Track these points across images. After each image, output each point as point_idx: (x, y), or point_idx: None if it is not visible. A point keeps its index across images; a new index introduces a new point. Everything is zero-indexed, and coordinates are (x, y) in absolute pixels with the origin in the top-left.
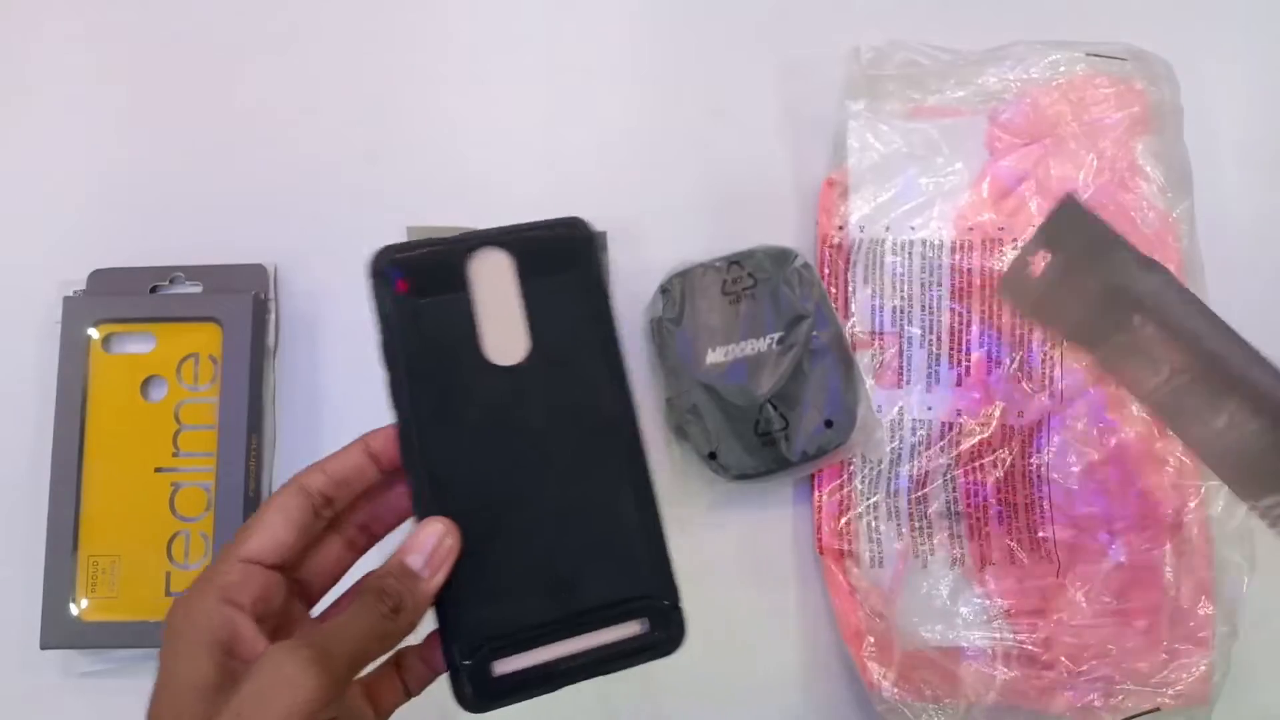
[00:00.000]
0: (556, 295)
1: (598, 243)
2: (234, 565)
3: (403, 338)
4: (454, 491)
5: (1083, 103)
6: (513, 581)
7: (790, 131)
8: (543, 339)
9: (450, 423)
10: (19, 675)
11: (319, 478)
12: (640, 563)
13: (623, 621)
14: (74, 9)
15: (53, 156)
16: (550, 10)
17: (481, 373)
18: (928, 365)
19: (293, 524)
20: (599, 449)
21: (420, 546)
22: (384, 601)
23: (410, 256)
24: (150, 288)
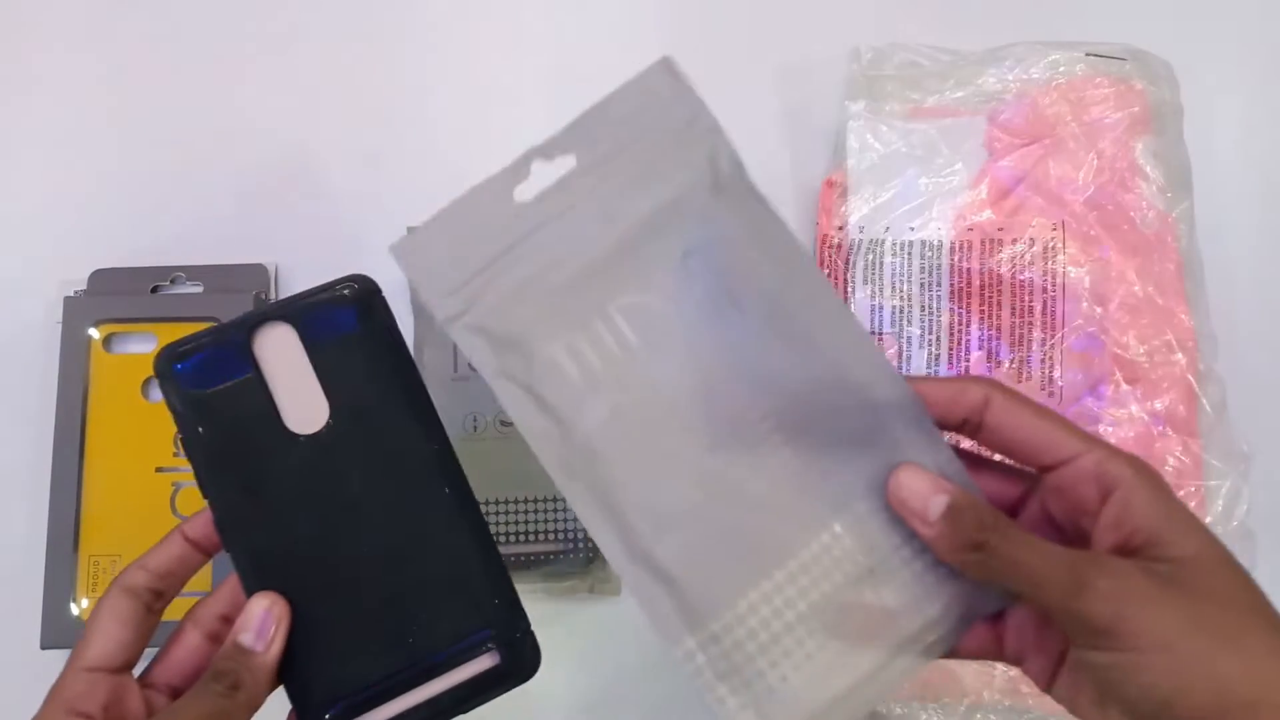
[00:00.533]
0: (347, 355)
1: (380, 296)
2: (77, 676)
3: (199, 429)
4: (278, 566)
5: (1082, 103)
6: (353, 641)
7: (790, 132)
8: (340, 401)
9: (262, 501)
10: (19, 675)
11: (141, 575)
12: (478, 597)
13: (473, 658)
14: (75, 9)
15: (53, 156)
16: (550, 12)
17: (285, 446)
18: (927, 366)
19: (125, 624)
20: (416, 495)
21: (249, 623)
22: (220, 681)
23: (191, 350)
24: (151, 288)
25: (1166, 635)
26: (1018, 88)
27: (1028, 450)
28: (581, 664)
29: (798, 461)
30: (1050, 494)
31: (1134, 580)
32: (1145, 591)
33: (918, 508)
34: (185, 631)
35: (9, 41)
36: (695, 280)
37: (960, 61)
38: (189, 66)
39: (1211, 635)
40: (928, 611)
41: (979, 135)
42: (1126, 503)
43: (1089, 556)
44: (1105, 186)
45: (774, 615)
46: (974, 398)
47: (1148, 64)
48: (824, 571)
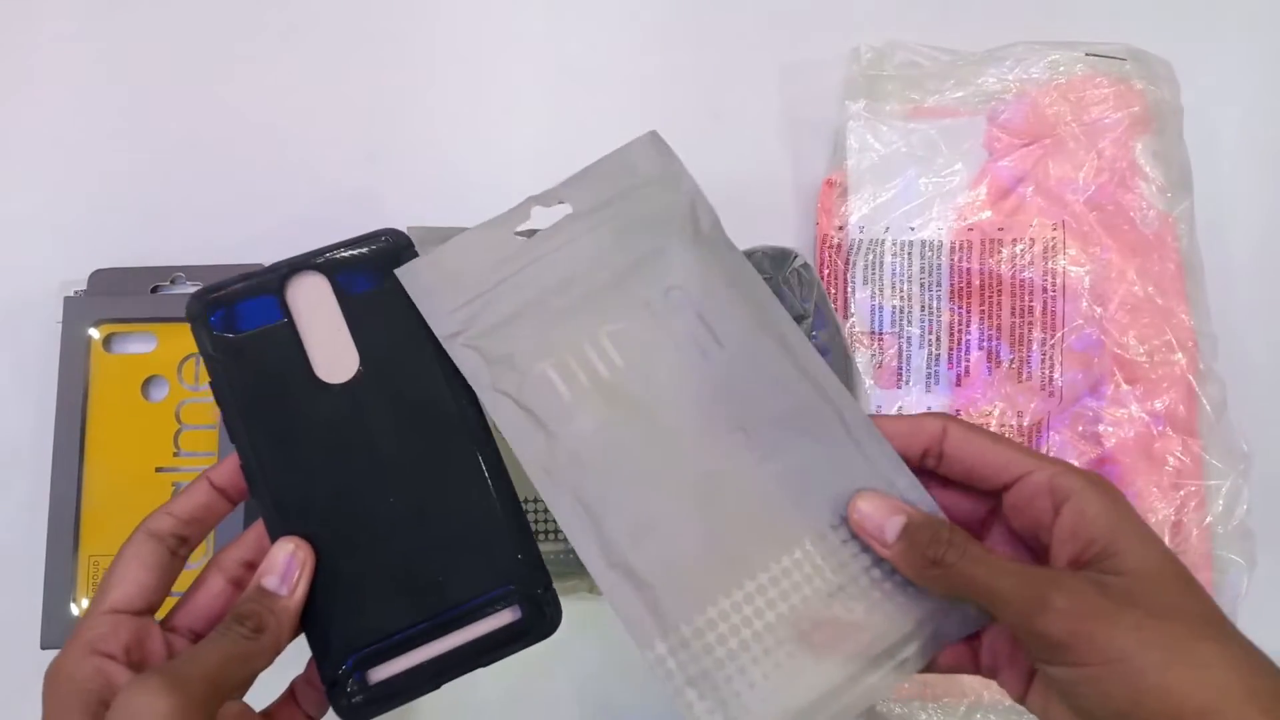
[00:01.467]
0: (378, 307)
1: (413, 250)
2: (99, 618)
3: (230, 375)
4: (304, 513)
5: (1082, 103)
6: (376, 591)
7: (790, 132)
8: (371, 352)
9: (290, 448)
10: (19, 675)
11: (166, 520)
12: (501, 553)
13: (493, 613)
14: (75, 9)
15: (54, 157)
16: (550, 12)
17: (315, 395)
18: (927, 365)
19: (149, 568)
20: (443, 449)
21: (274, 567)
22: (243, 623)
23: (225, 295)
24: (151, 288)
25: (1122, 649)
26: (1017, 88)
27: (987, 473)
28: (582, 662)
29: (771, 482)
30: (1010, 512)
31: (1089, 597)
32: (1100, 607)
33: (875, 530)
34: (209, 577)
35: (10, 41)
36: (676, 313)
37: (960, 61)
38: (189, 66)
39: (1165, 648)
40: (900, 629)
41: (979, 135)
42: (1079, 513)
43: (1046, 574)
44: (1105, 186)
45: (743, 623)
46: (931, 430)
47: (1148, 64)
48: (794, 585)
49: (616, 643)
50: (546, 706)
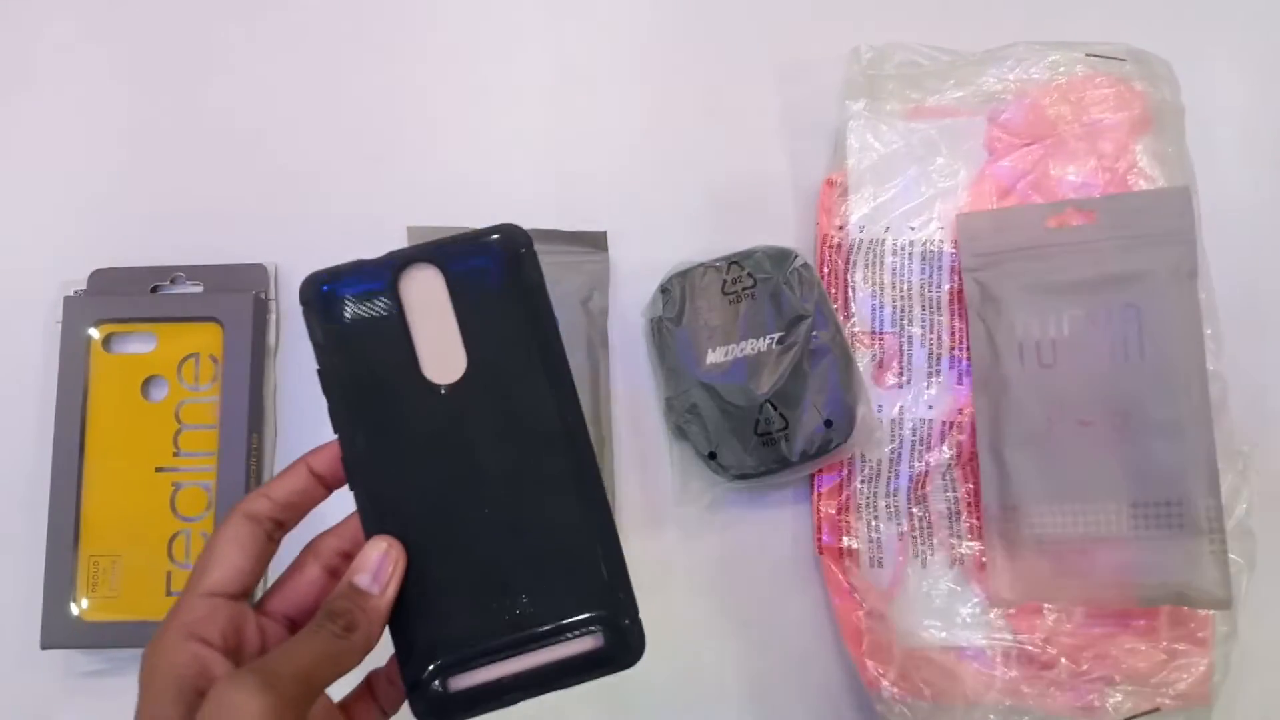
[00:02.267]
0: (491, 307)
1: (532, 248)
2: (196, 600)
3: (338, 363)
4: (399, 512)
5: (1082, 103)
6: (464, 599)
7: (790, 132)
8: (479, 354)
9: (391, 445)
10: (19, 675)
11: (264, 503)
12: (592, 578)
13: (577, 637)
14: (76, 10)
15: (54, 157)
16: (551, 12)
17: (420, 393)
18: (928, 365)
19: (247, 551)
20: (544, 463)
21: (366, 565)
22: (335, 621)
23: (339, 282)
24: (151, 287)
25: None
26: (1018, 88)
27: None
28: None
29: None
30: None
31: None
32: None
33: None
34: (305, 563)
35: (11, 42)
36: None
37: (960, 61)
38: (189, 67)
39: None
40: None
41: (979, 135)
42: None
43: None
44: (1105, 186)
45: None
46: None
47: (1148, 64)
48: None
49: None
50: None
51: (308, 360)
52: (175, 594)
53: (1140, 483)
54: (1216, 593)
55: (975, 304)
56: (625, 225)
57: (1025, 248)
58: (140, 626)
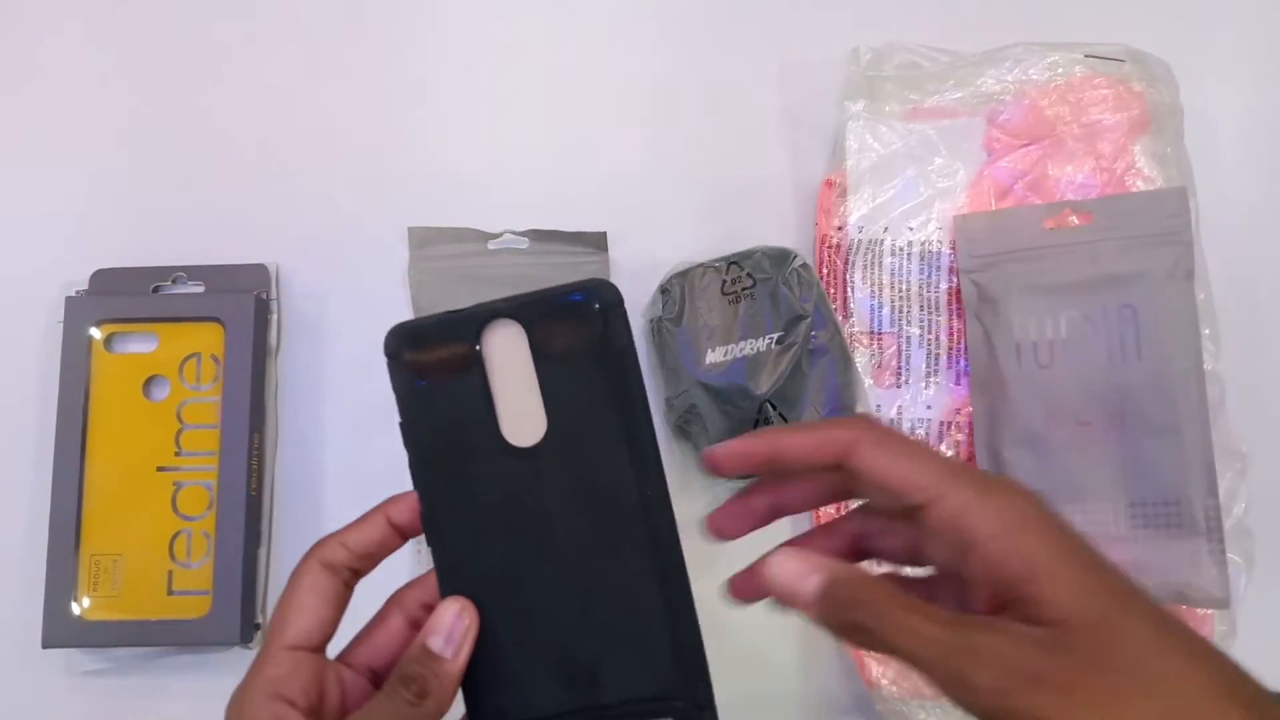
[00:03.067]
0: (575, 369)
1: (621, 306)
2: (280, 655)
3: (418, 418)
4: (474, 573)
5: (1081, 104)
6: (535, 668)
7: (789, 132)
8: (560, 417)
9: (468, 504)
10: (21, 674)
11: (341, 552)
12: (666, 659)
13: (648, 718)
14: (77, 10)
15: (56, 157)
16: (551, 12)
17: (498, 454)
18: (926, 365)
19: (327, 601)
20: (622, 535)
21: (440, 627)
22: (408, 688)
23: (422, 336)
24: (152, 287)
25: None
26: (1017, 88)
27: (896, 492)
28: None
29: None
30: (928, 539)
31: (1008, 665)
32: (1020, 675)
33: (790, 593)
34: (389, 614)
35: (10, 41)
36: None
37: (959, 62)
38: (190, 67)
39: (1090, 706)
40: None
41: (978, 136)
42: (986, 560)
43: (965, 642)
44: (1104, 187)
45: None
46: (839, 442)
47: (1147, 65)
48: None
49: None
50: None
51: (308, 360)
52: (177, 593)
53: (1138, 483)
54: (1215, 592)
55: (973, 305)
56: (625, 225)
57: (1022, 249)
58: (142, 626)
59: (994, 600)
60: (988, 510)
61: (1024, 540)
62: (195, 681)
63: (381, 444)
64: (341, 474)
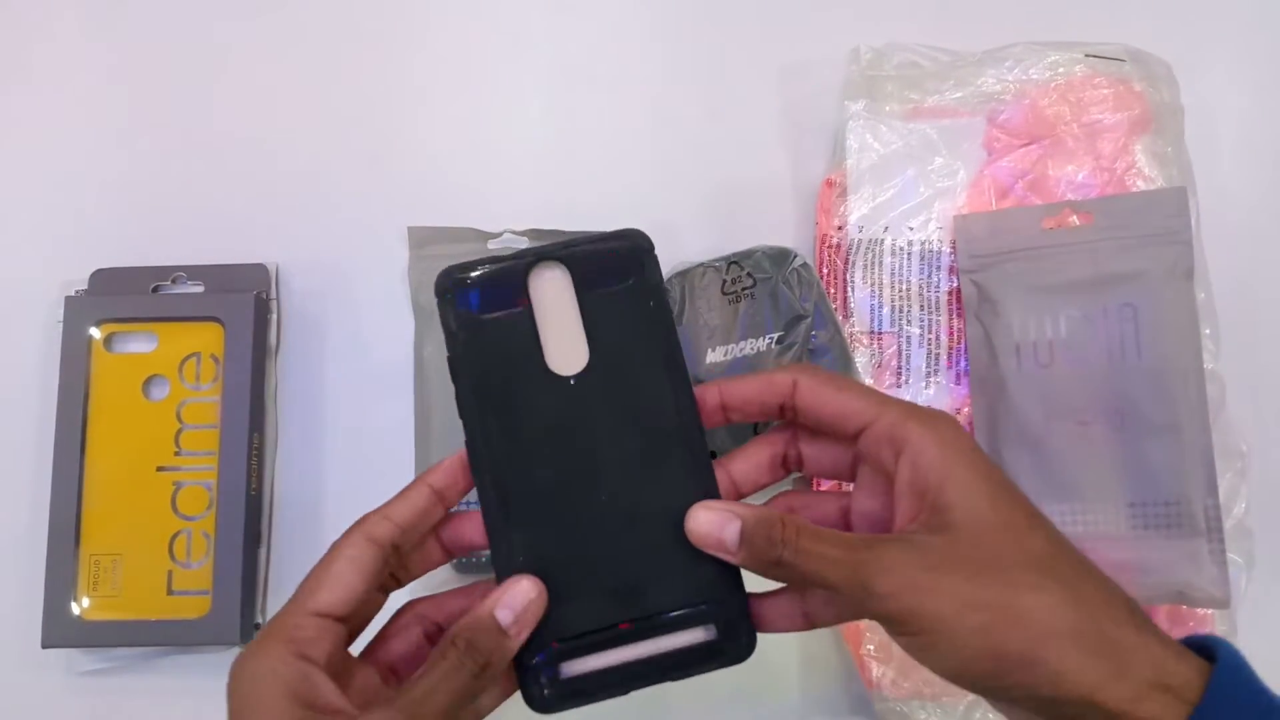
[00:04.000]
0: (614, 306)
1: (653, 252)
2: (307, 619)
3: (468, 353)
4: (522, 500)
5: (1081, 104)
6: (581, 586)
7: (789, 132)
8: (602, 348)
9: (515, 432)
10: (20, 674)
11: (386, 526)
12: (704, 570)
13: (691, 628)
14: (75, 9)
15: (55, 156)
16: (551, 13)
17: (544, 384)
18: (926, 365)
19: (365, 574)
20: (662, 455)
21: (511, 602)
22: (474, 658)
23: (473, 275)
24: (152, 287)
25: (944, 618)
26: (1017, 88)
27: (836, 423)
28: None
29: None
30: (864, 461)
31: (907, 571)
32: (918, 581)
33: (717, 542)
34: (407, 622)
35: (10, 41)
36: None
37: (959, 62)
38: (190, 66)
39: (984, 608)
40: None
41: (978, 135)
42: (914, 465)
43: (867, 557)
44: (1105, 187)
45: None
46: (782, 385)
47: (1147, 64)
48: None
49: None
50: None
51: (308, 360)
52: (177, 593)
53: (1138, 482)
54: (1215, 592)
55: (972, 305)
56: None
57: (1022, 249)
58: (141, 626)
59: (913, 516)
60: (916, 428)
61: (945, 454)
62: (195, 681)
63: (381, 444)
64: (341, 474)
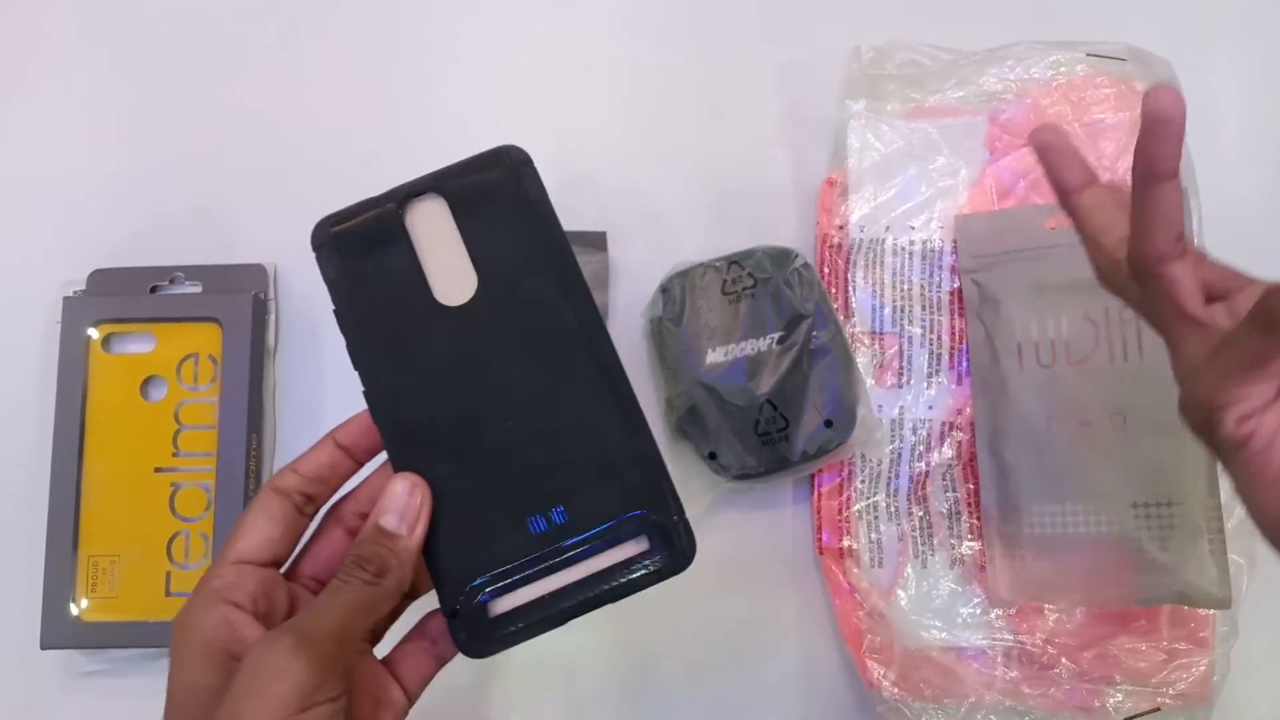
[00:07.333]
0: (496, 225)
1: (531, 164)
2: (225, 568)
3: (353, 300)
4: (425, 438)
5: (1083, 103)
6: (498, 519)
7: (790, 131)
8: (489, 272)
9: (410, 372)
10: (19, 675)
11: (292, 478)
12: (629, 478)
13: (621, 543)
14: (75, 9)
15: (53, 156)
16: (551, 11)
17: (434, 317)
18: (928, 365)
19: (276, 521)
20: (564, 367)
21: (392, 505)
22: (365, 568)
23: (347, 222)
24: (150, 288)
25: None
26: (1018, 87)
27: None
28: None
29: None
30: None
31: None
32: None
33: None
34: (328, 527)
35: (10, 41)
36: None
37: (961, 61)
38: (189, 67)
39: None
40: None
41: (980, 135)
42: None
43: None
44: None
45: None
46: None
47: (1148, 64)
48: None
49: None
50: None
51: (306, 360)
52: (175, 594)
53: (1140, 483)
54: (1216, 592)
55: (974, 305)
56: (625, 225)
57: (1024, 249)
58: (140, 627)
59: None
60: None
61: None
62: None
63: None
64: None
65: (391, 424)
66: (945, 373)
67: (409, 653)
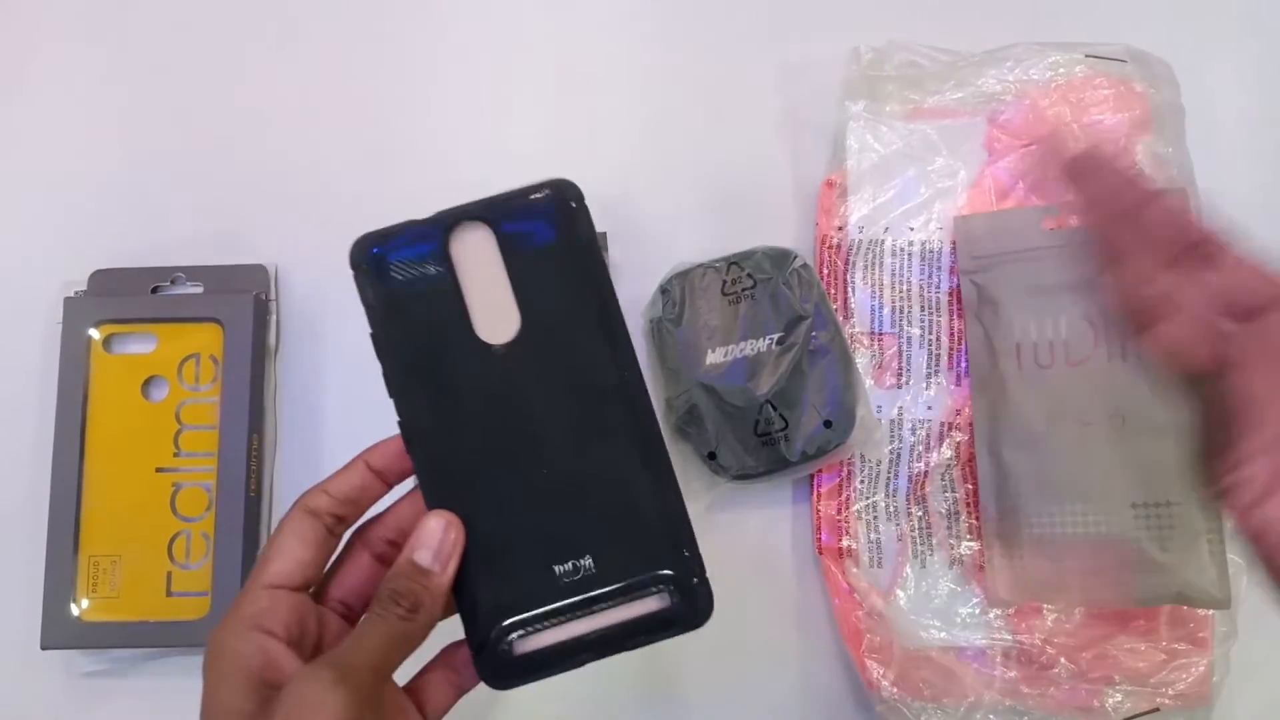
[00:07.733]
0: (544, 264)
1: (583, 202)
2: (259, 593)
3: (391, 327)
4: (458, 475)
5: (1082, 104)
6: (528, 561)
7: (790, 132)
8: (533, 312)
9: (447, 407)
10: (19, 675)
11: (323, 499)
12: (656, 536)
13: (644, 597)
14: (75, 9)
15: (54, 156)
16: (551, 11)
17: (474, 354)
18: (927, 365)
19: (307, 543)
20: (601, 419)
21: (426, 541)
22: (399, 604)
23: (389, 243)
24: (151, 288)
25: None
26: (1017, 89)
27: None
28: None
29: None
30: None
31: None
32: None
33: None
34: (355, 550)
35: (10, 41)
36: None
37: (960, 62)
38: (189, 66)
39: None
40: None
41: (979, 136)
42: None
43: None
44: None
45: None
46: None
47: (1148, 65)
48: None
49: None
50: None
51: (307, 361)
52: (176, 594)
53: (1139, 483)
54: (1215, 593)
55: (973, 306)
56: (625, 225)
57: (1022, 250)
58: (141, 627)
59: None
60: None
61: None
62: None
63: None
64: None
65: (427, 459)
66: (944, 373)
67: (432, 681)
